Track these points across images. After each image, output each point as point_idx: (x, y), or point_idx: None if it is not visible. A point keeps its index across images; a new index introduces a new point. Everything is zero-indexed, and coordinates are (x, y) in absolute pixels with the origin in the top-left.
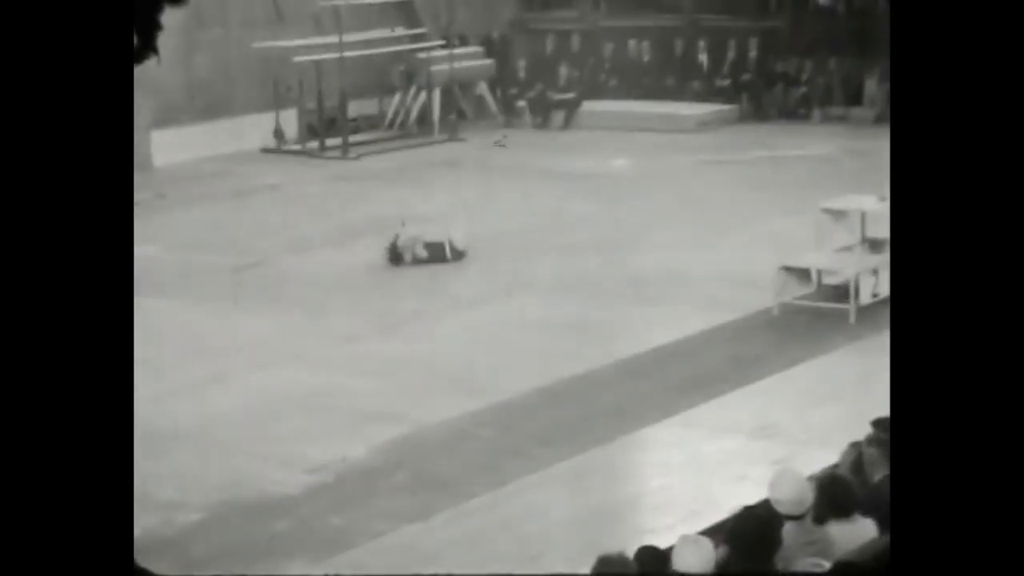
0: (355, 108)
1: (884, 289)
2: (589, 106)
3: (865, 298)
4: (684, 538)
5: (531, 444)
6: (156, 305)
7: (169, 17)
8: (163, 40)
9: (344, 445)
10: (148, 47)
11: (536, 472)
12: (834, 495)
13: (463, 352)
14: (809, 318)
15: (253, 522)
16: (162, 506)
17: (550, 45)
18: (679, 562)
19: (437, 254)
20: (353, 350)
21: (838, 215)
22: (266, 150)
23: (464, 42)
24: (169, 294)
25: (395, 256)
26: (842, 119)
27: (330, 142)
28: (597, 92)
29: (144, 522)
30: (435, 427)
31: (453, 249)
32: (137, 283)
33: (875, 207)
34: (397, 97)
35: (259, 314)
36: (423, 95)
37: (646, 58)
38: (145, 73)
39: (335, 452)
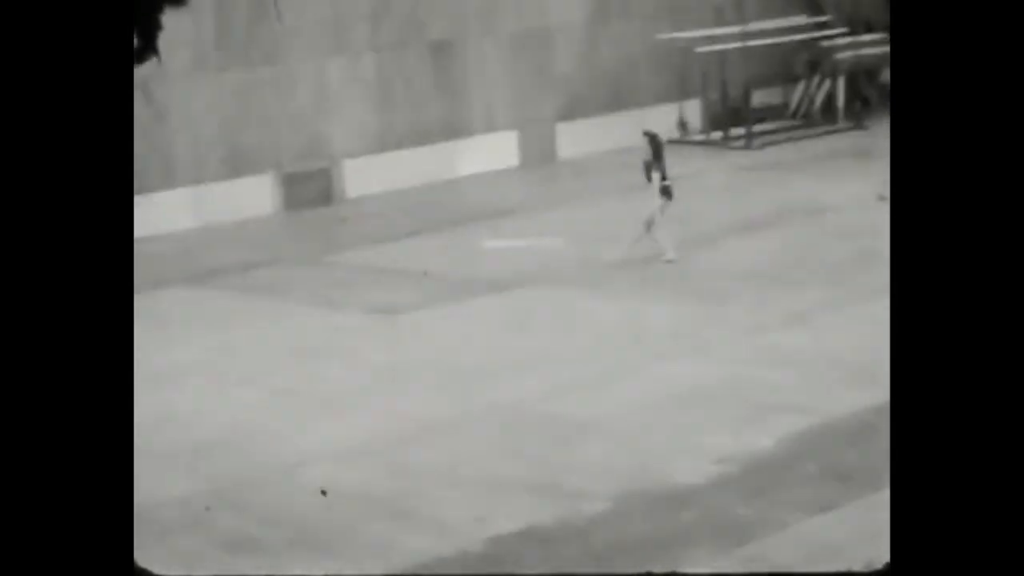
0: (758, 98)
1: None
2: None
3: None
4: None
5: None
6: (563, 296)
7: (572, 11)
8: (568, 34)
9: (751, 436)
10: (149, 47)
11: None
12: None
13: (870, 343)
14: None
15: (659, 512)
16: (570, 495)
17: None
18: None
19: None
20: (759, 341)
21: None
22: (671, 141)
23: (869, 29)
24: (576, 285)
25: None
26: None
27: (734, 132)
28: None
29: (553, 510)
30: (842, 419)
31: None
32: (541, 275)
33: None
34: (801, 86)
35: (665, 305)
36: (827, 83)
37: None
38: (550, 69)
39: (742, 443)
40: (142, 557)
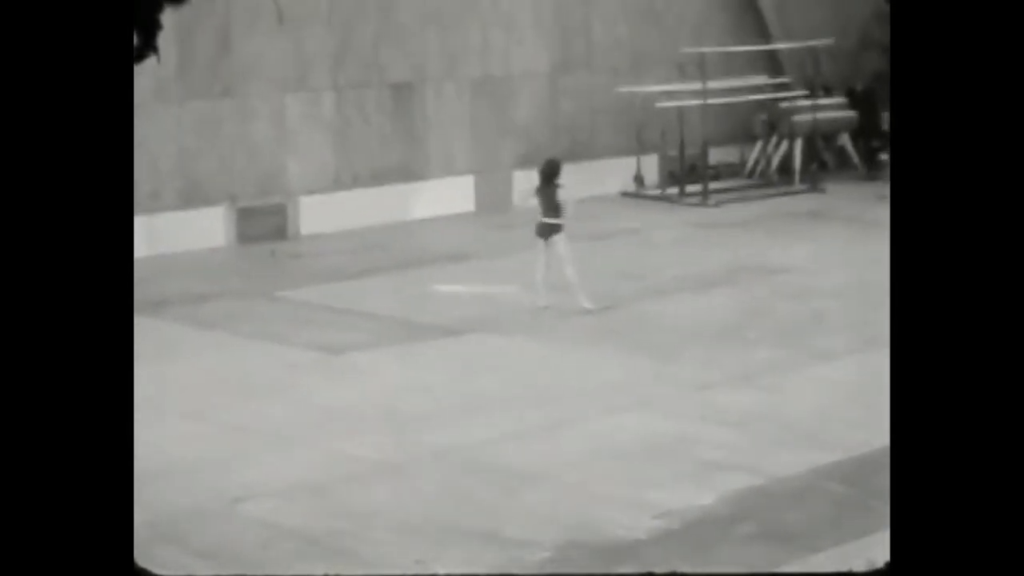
0: (716, 155)
1: None
2: None
3: None
4: None
5: (880, 501)
6: (512, 343)
7: (535, 60)
8: (529, 82)
9: (693, 493)
10: (148, 46)
11: (883, 529)
12: None
13: (817, 405)
14: None
15: (598, 563)
16: (511, 543)
17: None
18: None
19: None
20: (706, 398)
21: None
22: (626, 194)
23: (828, 93)
24: (526, 333)
25: None
26: None
27: (690, 188)
28: None
29: (493, 558)
30: (784, 479)
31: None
32: (492, 321)
33: None
34: (758, 146)
35: (614, 357)
36: (784, 144)
37: None
38: (510, 116)
39: (684, 499)
40: None
